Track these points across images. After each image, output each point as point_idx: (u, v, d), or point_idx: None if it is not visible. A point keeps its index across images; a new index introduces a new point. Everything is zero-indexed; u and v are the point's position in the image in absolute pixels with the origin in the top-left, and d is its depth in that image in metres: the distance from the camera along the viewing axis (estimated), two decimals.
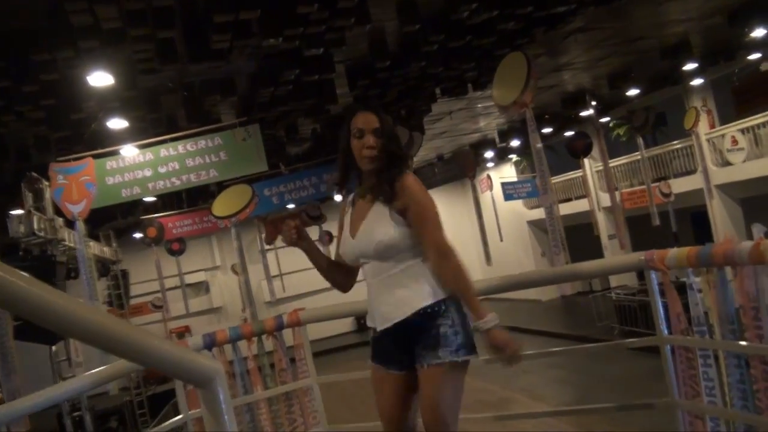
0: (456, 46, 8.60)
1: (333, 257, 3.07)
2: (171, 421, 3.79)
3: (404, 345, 2.72)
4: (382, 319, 2.75)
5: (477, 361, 2.76)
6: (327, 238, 18.86)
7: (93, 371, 3.17)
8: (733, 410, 2.76)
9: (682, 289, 3.02)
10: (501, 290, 3.53)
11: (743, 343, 2.65)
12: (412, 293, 2.68)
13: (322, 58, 8.10)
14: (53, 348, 10.36)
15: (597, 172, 20.37)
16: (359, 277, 3.00)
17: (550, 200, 7.58)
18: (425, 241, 2.69)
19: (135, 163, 8.80)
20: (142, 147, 8.94)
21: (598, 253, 20.80)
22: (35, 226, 9.15)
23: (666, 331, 3.17)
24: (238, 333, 3.82)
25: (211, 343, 3.76)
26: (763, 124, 15.06)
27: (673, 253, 2.95)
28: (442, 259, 2.66)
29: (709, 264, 2.75)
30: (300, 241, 2.88)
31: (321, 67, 8.28)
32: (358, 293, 3.09)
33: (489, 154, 21.24)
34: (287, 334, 3.99)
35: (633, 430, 6.45)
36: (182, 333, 21.68)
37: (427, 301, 2.66)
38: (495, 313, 2.62)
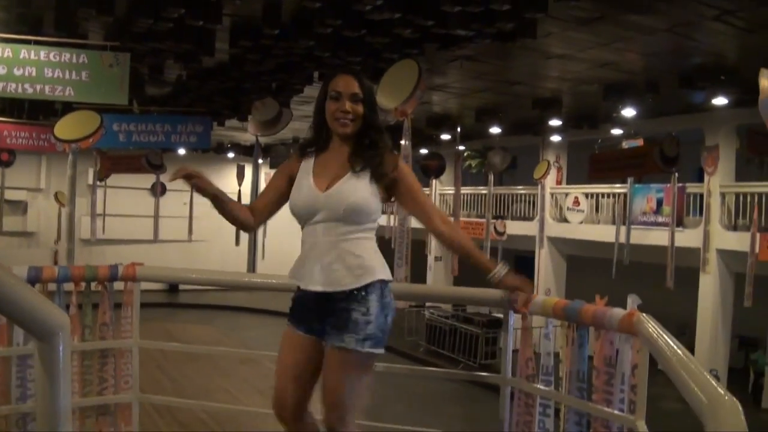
0: (349, 36, 8.44)
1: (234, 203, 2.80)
2: None
3: (323, 312, 2.64)
4: (323, 281, 2.61)
5: None
6: (160, 188, 18.08)
7: None
8: None
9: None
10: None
11: (590, 403, 2.68)
12: (366, 265, 2.62)
13: (212, 6, 7.74)
14: None
15: (441, 195, 20.91)
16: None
17: (404, 213, 7.60)
18: (432, 214, 2.81)
19: None
20: (2, 41, 8.06)
21: (422, 271, 21.34)
22: None
23: (510, 373, 3.18)
24: (68, 274, 3.46)
25: (36, 278, 3.37)
26: (608, 195, 16.08)
27: (540, 300, 2.96)
28: (452, 227, 2.89)
29: (575, 320, 2.78)
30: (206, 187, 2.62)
31: (208, 14, 7.87)
32: (184, 261, 2.87)
33: None
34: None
35: None
36: None
37: (373, 278, 2.61)
38: (503, 262, 2.91)
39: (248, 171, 18.26)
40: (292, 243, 3.76)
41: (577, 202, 16.65)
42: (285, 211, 2.80)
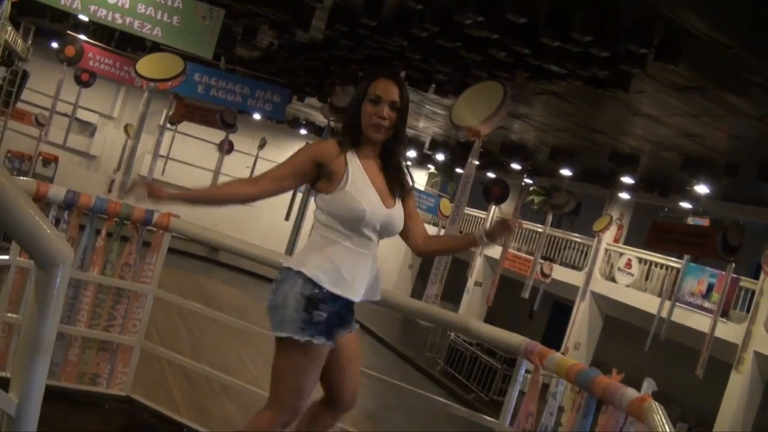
0: (443, 45, 8.39)
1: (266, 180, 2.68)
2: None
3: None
4: (366, 292, 2.68)
5: None
6: (227, 146, 18.32)
7: None
8: None
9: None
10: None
11: None
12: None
13: None
14: None
15: None
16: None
17: (454, 230, 7.51)
18: (422, 225, 2.90)
19: None
20: None
21: (459, 293, 21.18)
22: None
23: (508, 422, 3.07)
24: (104, 207, 3.47)
25: (72, 202, 3.39)
26: (661, 265, 15.67)
27: (555, 357, 2.85)
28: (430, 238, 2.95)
29: (585, 388, 2.66)
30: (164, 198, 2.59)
31: None
32: (231, 223, 2.84)
33: (412, 153, 21.22)
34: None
35: None
36: (50, 161, 20.74)
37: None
38: (476, 230, 2.88)
39: None
40: None
41: (629, 264, 16.29)
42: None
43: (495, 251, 18.45)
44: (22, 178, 3.43)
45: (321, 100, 14.48)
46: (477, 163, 7.77)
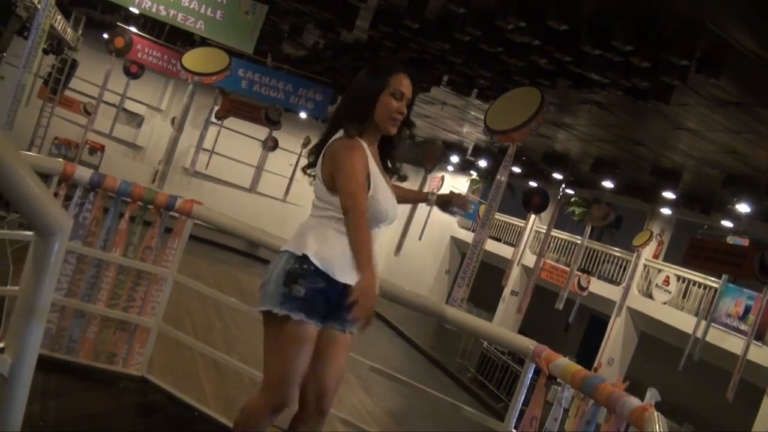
0: (485, 49, 8.38)
1: None
2: (24, 233, 3.56)
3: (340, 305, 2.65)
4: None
5: None
6: (271, 143, 18.54)
7: None
8: None
9: None
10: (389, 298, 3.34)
11: None
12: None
13: None
14: None
15: (536, 231, 20.52)
16: None
17: (484, 235, 7.49)
18: None
19: None
20: None
21: (495, 300, 21.07)
22: None
23: (513, 426, 3.06)
24: (128, 190, 3.55)
25: (97, 183, 3.48)
26: (700, 284, 15.37)
27: (562, 362, 2.83)
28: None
29: (589, 394, 2.63)
30: None
31: None
32: (272, 218, 2.87)
33: (455, 158, 21.16)
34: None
35: None
36: (96, 149, 21.10)
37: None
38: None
39: None
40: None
41: (667, 281, 16.02)
42: None
43: (531, 260, 18.33)
44: (59, 159, 3.49)
45: None
46: (512, 169, 7.79)
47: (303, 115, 20.31)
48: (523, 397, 3.11)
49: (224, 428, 3.45)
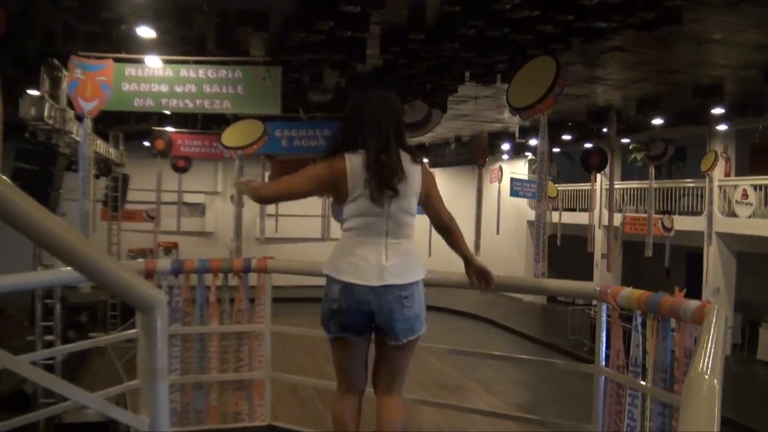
0: (492, 35, 8.58)
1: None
2: (129, 332, 3.97)
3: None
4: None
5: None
6: None
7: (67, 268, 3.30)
8: None
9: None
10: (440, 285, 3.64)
11: (673, 394, 2.73)
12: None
13: (359, 16, 8.10)
14: None
15: (606, 189, 20.38)
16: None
17: (542, 208, 7.65)
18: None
19: (154, 76, 8.85)
20: (164, 62, 8.98)
21: (589, 269, 20.92)
22: (46, 112, 9.21)
23: (604, 363, 3.27)
24: (206, 266, 3.94)
25: (178, 269, 3.88)
26: None
27: (626, 292, 3.04)
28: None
29: (655, 312, 2.84)
30: None
31: (356, 24, 8.27)
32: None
33: (506, 146, 21.18)
34: (253, 278, 4.12)
35: None
36: (170, 248, 21.92)
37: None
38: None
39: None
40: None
41: (745, 194, 15.68)
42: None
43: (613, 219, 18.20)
44: (139, 260, 3.91)
45: None
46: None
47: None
48: (604, 337, 3.32)
49: None
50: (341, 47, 9.12)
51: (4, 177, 1.55)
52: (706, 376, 1.50)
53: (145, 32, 8.78)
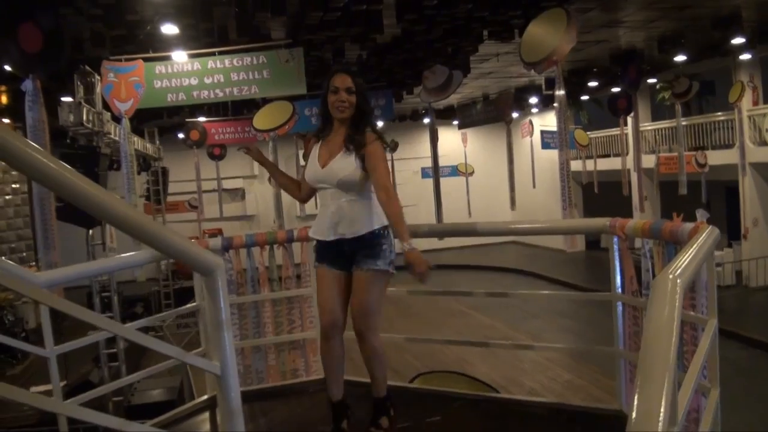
0: None
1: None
2: (188, 306, 4.39)
3: (346, 253, 3.48)
4: (339, 231, 3.45)
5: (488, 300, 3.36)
6: None
7: (123, 255, 3.71)
8: None
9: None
10: (444, 235, 3.99)
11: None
12: (365, 218, 3.45)
13: None
14: (90, 232, 10.97)
15: (641, 132, 20.35)
16: None
17: (565, 156, 7.87)
18: (379, 186, 3.41)
19: (183, 71, 9.26)
20: (191, 56, 9.37)
21: (628, 212, 20.96)
22: (84, 117, 9.67)
23: (620, 290, 3.58)
24: (253, 240, 4.34)
25: (228, 245, 4.28)
26: None
27: (632, 223, 3.34)
28: (387, 198, 3.38)
29: (658, 237, 3.13)
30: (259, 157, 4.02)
31: None
32: None
33: (534, 99, 21.18)
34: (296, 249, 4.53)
35: None
36: (215, 234, 22.44)
37: (375, 226, 3.42)
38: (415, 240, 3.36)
39: (443, 133, 18.79)
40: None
41: None
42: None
43: (647, 161, 18.21)
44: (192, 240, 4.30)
45: (408, 93, 15.25)
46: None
47: (380, 123, 21.04)
48: (618, 267, 3.62)
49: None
50: (358, 21, 9.36)
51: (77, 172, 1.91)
52: (670, 277, 1.80)
53: (169, 29, 9.15)
